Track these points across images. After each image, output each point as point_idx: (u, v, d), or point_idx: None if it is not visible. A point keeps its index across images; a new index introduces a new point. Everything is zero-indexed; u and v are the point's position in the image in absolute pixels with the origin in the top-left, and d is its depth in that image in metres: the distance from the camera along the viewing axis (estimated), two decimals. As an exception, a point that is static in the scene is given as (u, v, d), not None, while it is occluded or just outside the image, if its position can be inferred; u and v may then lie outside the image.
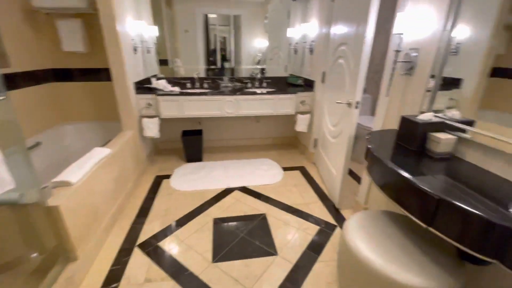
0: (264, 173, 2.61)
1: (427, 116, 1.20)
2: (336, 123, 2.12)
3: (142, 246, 1.63)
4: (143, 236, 1.71)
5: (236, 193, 2.23)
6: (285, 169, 2.72)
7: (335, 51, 2.22)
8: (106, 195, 1.73)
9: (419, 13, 1.33)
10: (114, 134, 2.24)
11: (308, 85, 2.92)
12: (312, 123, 2.81)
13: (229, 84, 3.05)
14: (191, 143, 2.79)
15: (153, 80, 2.63)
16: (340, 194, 2.00)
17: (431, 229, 0.88)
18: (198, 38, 3.03)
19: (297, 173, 2.65)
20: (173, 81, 2.96)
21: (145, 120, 2.46)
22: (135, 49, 2.39)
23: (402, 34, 1.34)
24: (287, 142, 3.50)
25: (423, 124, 1.16)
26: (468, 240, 0.78)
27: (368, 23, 1.55)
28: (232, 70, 3.22)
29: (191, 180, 2.44)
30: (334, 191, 2.10)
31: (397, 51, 1.40)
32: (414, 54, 1.38)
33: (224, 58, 3.17)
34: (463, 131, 1.14)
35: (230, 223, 1.84)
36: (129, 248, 1.62)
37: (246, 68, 3.23)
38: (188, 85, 2.94)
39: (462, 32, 1.14)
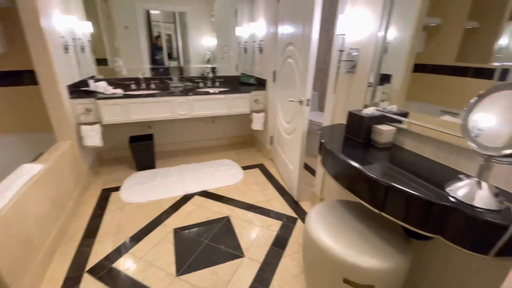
0: (224, 174, 2.57)
1: (370, 110, 1.32)
2: (289, 120, 2.20)
3: (93, 271, 1.45)
4: (93, 260, 1.52)
5: (196, 199, 2.15)
6: (244, 168, 2.72)
7: (283, 51, 2.29)
8: (41, 219, 1.49)
9: (358, 15, 1.45)
10: (47, 146, 1.93)
11: (260, 84, 2.97)
12: (267, 121, 2.87)
13: (179, 84, 2.91)
14: (141, 149, 2.58)
15: (91, 82, 2.35)
16: (298, 188, 2.08)
17: (383, 213, 0.98)
18: (141, 36, 2.80)
19: (256, 171, 2.67)
20: (114, 82, 2.69)
21: (84, 127, 2.18)
22: (66, 48, 2.09)
23: (344, 35, 1.45)
24: (244, 141, 3.50)
25: (368, 118, 1.27)
26: (413, 220, 0.88)
27: (313, 24, 1.63)
28: (181, 69, 3.07)
29: (144, 190, 2.26)
30: (292, 185, 2.18)
31: (341, 51, 1.50)
32: (355, 53, 1.51)
33: (170, 57, 2.99)
34: (400, 122, 1.29)
35: (193, 231, 1.77)
36: (77, 275, 1.42)
37: (195, 67, 3.11)
38: (133, 86, 2.71)
39: (391, 33, 1.28)
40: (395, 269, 0.99)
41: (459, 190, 0.86)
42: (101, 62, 2.70)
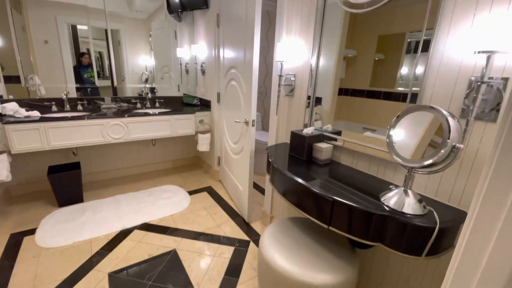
0: (167, 201, 2.37)
1: (310, 130, 1.42)
2: (236, 140, 2.21)
3: None
4: (-9, 332, 1.17)
5: (136, 234, 1.90)
6: (191, 192, 2.57)
7: (226, 74, 2.33)
8: None
9: (293, 44, 1.59)
10: None
11: (204, 104, 2.93)
12: (213, 141, 2.82)
13: (113, 105, 2.64)
14: (64, 181, 2.20)
15: (-6, 105, 1.94)
16: (249, 208, 2.06)
17: (331, 228, 1.02)
18: (64, 52, 2.48)
19: (204, 194, 2.55)
20: (29, 103, 2.29)
21: (-18, 160, 1.75)
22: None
23: (282, 61, 1.56)
24: (189, 163, 3.34)
25: (309, 137, 1.36)
26: (356, 231, 0.95)
27: (254, 51, 1.71)
28: (114, 89, 2.80)
29: (69, 230, 1.90)
30: (242, 206, 2.14)
31: (280, 76, 1.61)
32: (293, 78, 1.63)
33: (100, 76, 2.71)
34: (335, 140, 1.42)
35: (133, 273, 1.54)
36: None
37: (132, 87, 2.89)
38: (54, 108, 2.34)
39: (320, 61, 1.44)
40: (346, 281, 1.04)
41: (391, 199, 0.97)
42: (10, 79, 2.27)
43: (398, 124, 0.96)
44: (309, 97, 1.51)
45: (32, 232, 1.85)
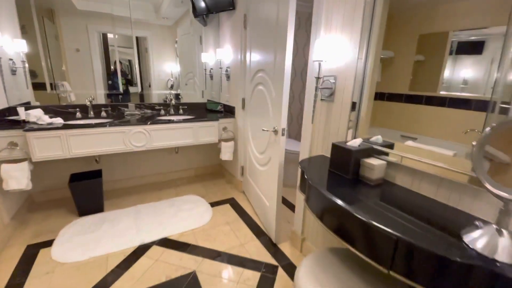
0: (189, 214, 2.21)
1: (356, 142, 1.18)
2: (263, 150, 2.01)
3: None
4: None
5: (154, 250, 1.76)
6: (213, 204, 2.41)
7: (253, 78, 2.16)
8: None
9: (334, 41, 1.37)
10: None
11: (228, 111, 2.78)
12: (237, 150, 2.64)
13: (137, 112, 2.58)
14: (85, 189, 2.13)
15: (21, 110, 1.92)
16: (276, 227, 1.84)
17: (392, 273, 0.78)
18: (95, 59, 2.48)
19: (227, 207, 2.37)
20: (55, 110, 2.28)
21: (4, 167, 1.71)
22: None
23: (321, 61, 1.34)
24: (211, 172, 3.20)
25: (356, 151, 1.12)
26: (426, 280, 0.70)
27: (286, 51, 1.52)
28: (142, 96, 2.76)
29: (86, 243, 1.80)
30: (269, 224, 1.92)
31: (318, 78, 1.39)
32: (333, 80, 1.41)
33: (129, 83, 2.70)
34: (386, 154, 1.16)
35: (148, 297, 1.38)
36: None
37: (157, 93, 2.84)
38: (79, 114, 2.31)
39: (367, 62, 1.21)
40: None
41: (478, 241, 0.71)
42: (40, 86, 2.28)
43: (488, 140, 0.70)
44: (353, 104, 1.28)
45: (49, 243, 1.77)
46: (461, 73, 0.81)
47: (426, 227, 0.79)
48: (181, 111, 2.76)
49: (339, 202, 0.93)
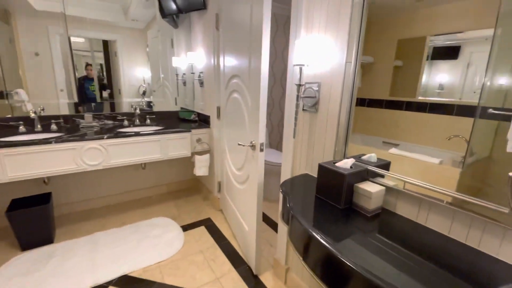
0: (156, 242, 1.91)
1: (348, 163, 0.98)
2: (240, 166, 1.77)
3: None
4: None
5: (110, 293, 1.45)
6: (186, 228, 2.12)
7: (227, 84, 1.92)
8: None
9: (316, 43, 1.17)
10: None
11: (203, 120, 2.52)
12: (213, 163, 2.38)
13: (94, 124, 2.24)
14: (28, 218, 1.77)
15: None
16: (257, 256, 1.59)
17: None
18: (57, 64, 2.15)
19: (202, 230, 2.10)
20: (-11, 124, 1.90)
21: None
22: None
23: (303, 65, 1.14)
24: (186, 187, 2.90)
25: (350, 176, 0.91)
26: None
27: (262, 55, 1.30)
28: (112, 104, 2.46)
29: (27, 287, 1.45)
30: (249, 252, 1.68)
31: (299, 85, 1.18)
32: (315, 88, 1.21)
33: (103, 89, 2.42)
34: (382, 176, 0.97)
35: None
36: None
37: (128, 101, 2.54)
38: (22, 128, 1.94)
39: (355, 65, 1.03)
40: None
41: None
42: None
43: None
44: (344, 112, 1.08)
45: (-29, 295, 1.41)
46: (437, 78, 0.80)
47: (440, 273, 0.59)
48: (148, 121, 2.46)
49: (330, 248, 0.71)
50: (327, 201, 0.98)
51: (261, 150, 1.43)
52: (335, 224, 0.85)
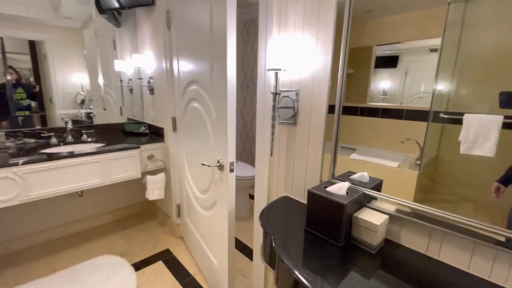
0: (98, 290, 1.50)
1: (343, 188, 0.81)
2: (205, 188, 1.50)
3: None
4: None
5: None
6: (138, 265, 1.75)
7: (184, 92, 1.65)
8: None
9: (292, 44, 0.99)
10: None
11: (155, 133, 2.17)
12: (170, 183, 2.05)
13: (9, 144, 1.73)
14: None
15: None
16: (230, 295, 1.34)
17: None
18: None
19: (159, 266, 1.74)
20: None
21: None
22: None
23: (280, 70, 0.95)
24: (137, 212, 2.48)
25: (350, 205, 0.74)
26: None
27: (228, 56, 1.08)
28: (43, 118, 2.00)
29: None
30: (219, 289, 1.41)
31: (276, 94, 0.99)
32: (293, 97, 1.03)
33: (33, 97, 1.95)
34: (375, 198, 0.83)
35: None
36: None
37: (64, 113, 2.08)
38: None
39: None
40: None
41: None
42: None
43: None
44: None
45: None
46: (381, 84, 0.85)
47: None
48: (85, 136, 2.00)
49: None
50: (322, 237, 0.80)
51: (231, 170, 1.19)
52: (339, 270, 0.66)
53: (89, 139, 1.99)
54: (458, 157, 0.66)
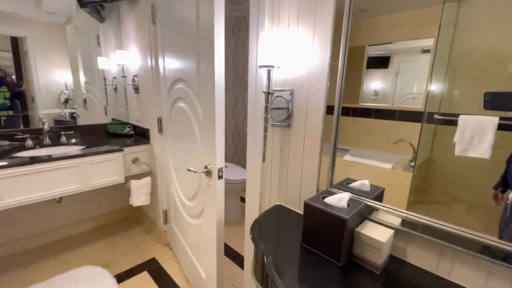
0: (76, 307, 1.38)
1: (343, 199, 0.72)
2: (192, 195, 1.40)
3: None
4: None
5: None
6: (122, 277, 1.63)
7: (170, 90, 1.54)
8: None
9: (286, 39, 0.90)
10: None
11: (140, 134, 2.05)
12: (156, 188, 1.93)
13: (-24, 147, 1.58)
14: None
15: None
16: (220, 311, 1.24)
17: None
18: None
19: (144, 277, 1.63)
20: None
21: None
22: None
23: (273, 67, 0.86)
24: (122, 218, 2.34)
25: (352, 220, 0.66)
26: None
27: (215, 55, 0.98)
28: (25, 118, 1.86)
29: None
30: (208, 304, 1.31)
31: (268, 93, 0.90)
32: (287, 97, 0.94)
33: (18, 97, 1.81)
34: (377, 209, 0.75)
35: None
36: None
37: (46, 113, 1.95)
38: None
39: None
40: None
41: None
42: None
43: None
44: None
45: None
46: (372, 85, 0.83)
47: None
48: (64, 138, 1.86)
49: None
50: (320, 254, 0.71)
51: (220, 177, 1.09)
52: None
53: (69, 141, 1.85)
54: (451, 158, 0.65)
